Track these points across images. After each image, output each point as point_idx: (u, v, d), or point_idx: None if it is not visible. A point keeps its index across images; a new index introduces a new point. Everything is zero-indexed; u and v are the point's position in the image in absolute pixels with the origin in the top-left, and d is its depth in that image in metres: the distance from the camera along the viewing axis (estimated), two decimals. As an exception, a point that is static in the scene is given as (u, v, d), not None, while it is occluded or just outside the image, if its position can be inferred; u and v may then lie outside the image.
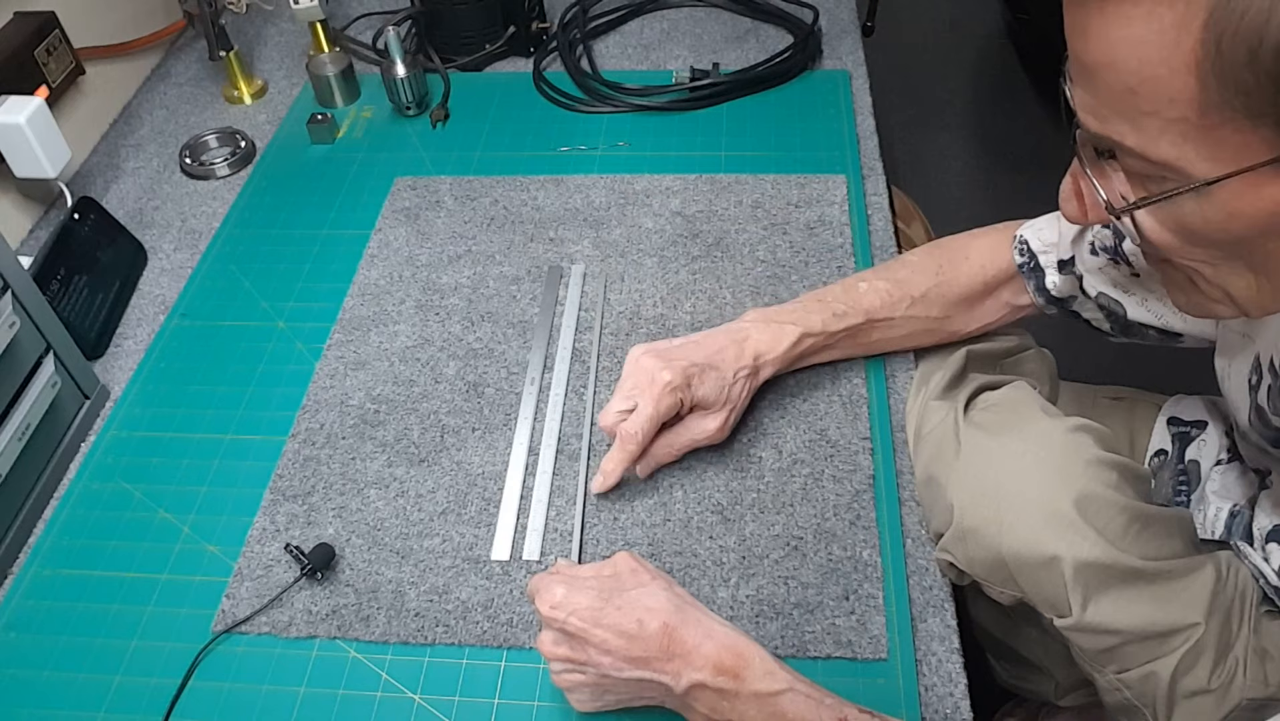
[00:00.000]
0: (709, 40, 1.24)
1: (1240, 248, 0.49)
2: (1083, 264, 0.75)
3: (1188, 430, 0.85)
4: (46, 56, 1.04)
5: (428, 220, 1.02)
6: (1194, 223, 0.48)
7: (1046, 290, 0.78)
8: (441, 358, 0.88)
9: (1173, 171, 0.46)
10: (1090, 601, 0.63)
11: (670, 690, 0.59)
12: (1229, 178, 0.45)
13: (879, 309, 0.80)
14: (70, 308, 0.90)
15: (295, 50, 1.30)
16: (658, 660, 0.58)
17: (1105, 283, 0.75)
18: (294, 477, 0.80)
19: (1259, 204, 0.45)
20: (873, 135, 1.10)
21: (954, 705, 0.65)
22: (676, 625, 0.59)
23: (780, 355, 0.78)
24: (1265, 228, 0.47)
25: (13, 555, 0.77)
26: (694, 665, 0.58)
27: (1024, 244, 0.79)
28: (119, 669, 0.70)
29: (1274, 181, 0.44)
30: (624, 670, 0.58)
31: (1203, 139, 0.44)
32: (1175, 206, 0.48)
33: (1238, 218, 0.46)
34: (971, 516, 0.66)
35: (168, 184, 1.11)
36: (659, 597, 0.60)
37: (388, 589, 0.72)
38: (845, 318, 0.80)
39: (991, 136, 2.25)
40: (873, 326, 0.81)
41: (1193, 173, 0.45)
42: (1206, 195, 0.46)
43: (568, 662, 0.60)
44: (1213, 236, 0.48)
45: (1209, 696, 0.63)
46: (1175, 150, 0.45)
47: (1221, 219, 0.47)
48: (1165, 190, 0.47)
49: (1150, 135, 0.45)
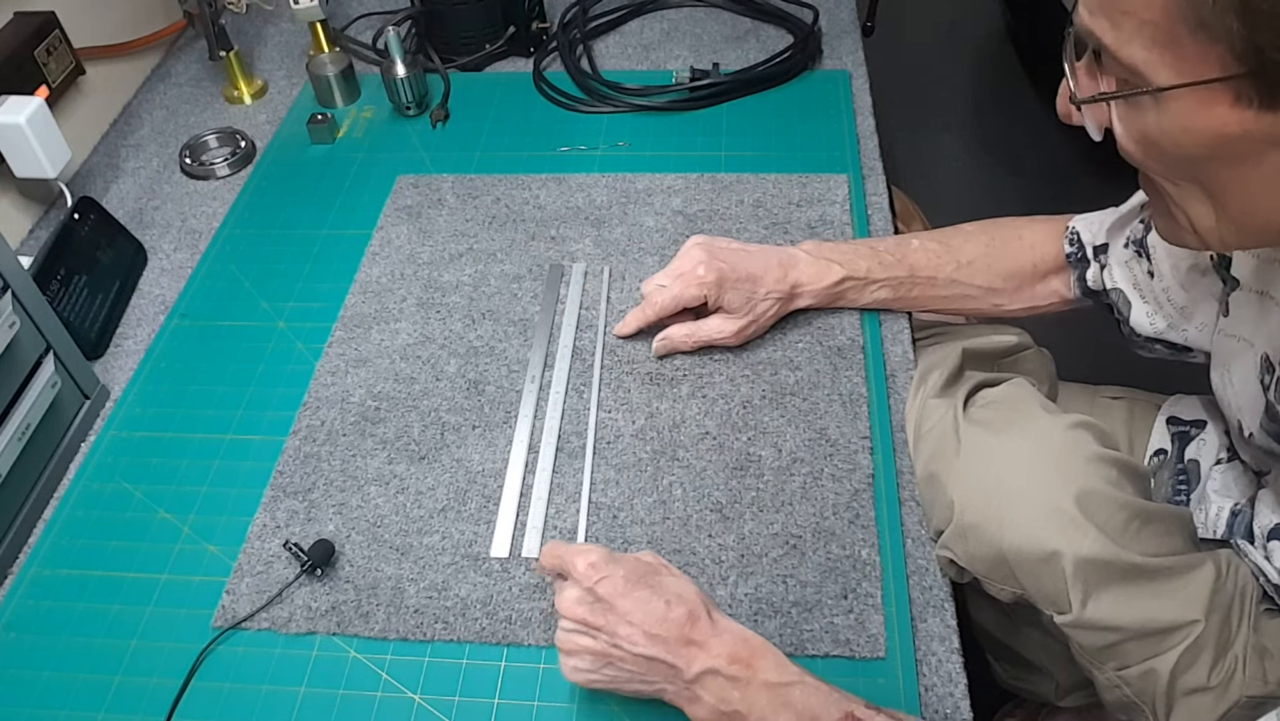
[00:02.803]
0: (709, 40, 1.24)
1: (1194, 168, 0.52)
2: (1114, 254, 0.78)
3: (1187, 429, 0.85)
4: (46, 56, 1.04)
5: (429, 218, 1.02)
6: (1153, 131, 0.51)
7: (1085, 281, 0.81)
8: (442, 355, 0.88)
9: (1138, 76, 0.49)
10: (1090, 598, 0.63)
11: (679, 673, 0.59)
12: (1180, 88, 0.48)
13: (924, 266, 0.84)
14: (70, 308, 0.90)
15: (295, 50, 1.30)
16: (675, 643, 0.59)
17: (1125, 279, 0.77)
18: (294, 474, 0.80)
19: (1209, 122, 0.48)
20: (873, 135, 1.10)
21: (954, 705, 0.65)
22: (699, 615, 0.60)
23: (819, 290, 0.84)
24: (1214, 149, 0.49)
25: (13, 555, 0.77)
26: (709, 653, 0.59)
27: (1075, 234, 0.81)
28: (119, 669, 0.70)
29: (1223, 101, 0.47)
30: (639, 645, 0.59)
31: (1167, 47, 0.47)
32: (1138, 113, 0.51)
33: (1189, 133, 0.49)
34: (972, 513, 0.67)
35: (168, 184, 1.11)
36: (688, 589, 0.62)
37: (387, 585, 0.72)
38: (891, 268, 0.84)
39: (991, 136, 2.25)
40: (915, 282, 0.84)
41: (1152, 78, 0.48)
42: (1163, 104, 0.49)
43: (583, 625, 0.60)
44: (1168, 150, 0.51)
45: (1208, 693, 0.63)
46: (1144, 54, 0.48)
47: (1176, 131, 0.50)
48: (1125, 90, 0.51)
49: (1125, 35, 0.48)
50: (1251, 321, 0.66)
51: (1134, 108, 0.51)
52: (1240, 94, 0.47)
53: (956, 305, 0.87)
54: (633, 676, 0.60)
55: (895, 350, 0.87)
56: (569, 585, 0.62)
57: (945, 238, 0.86)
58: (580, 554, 0.62)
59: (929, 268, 0.84)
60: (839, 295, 0.85)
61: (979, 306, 0.86)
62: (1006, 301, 0.85)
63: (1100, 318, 0.83)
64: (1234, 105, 0.47)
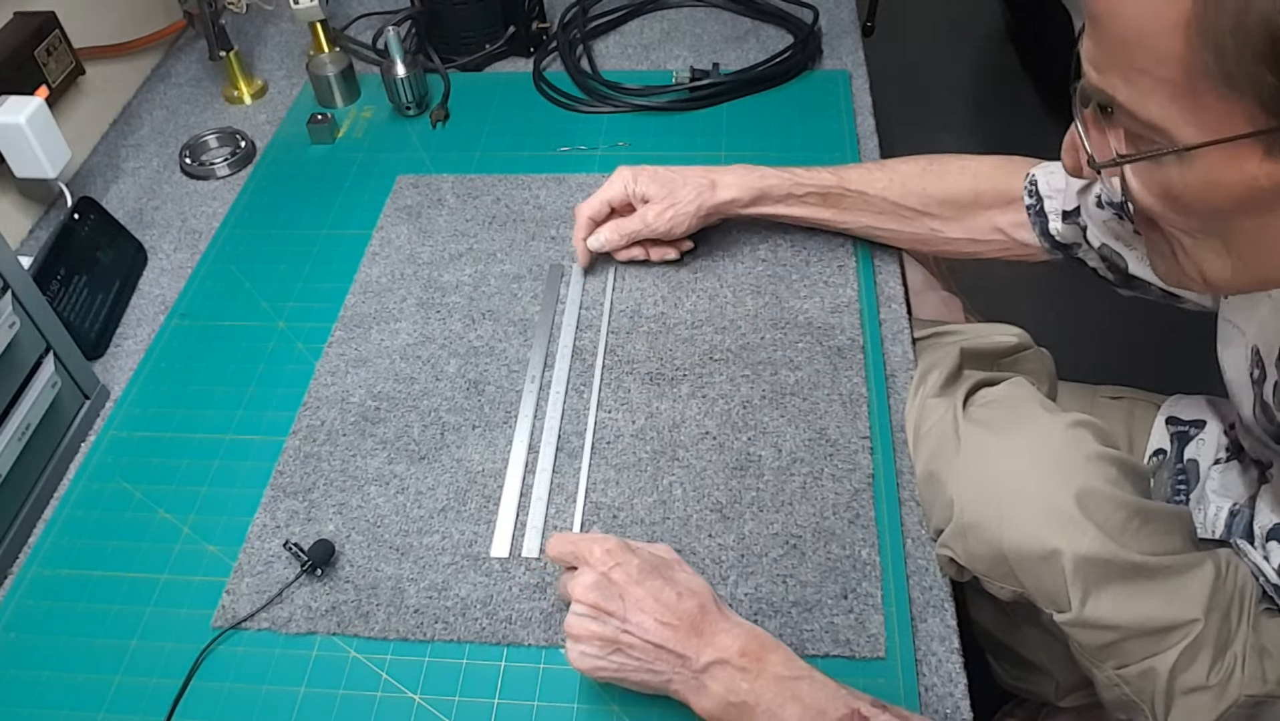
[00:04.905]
0: (709, 40, 1.24)
1: (1219, 221, 0.50)
2: (1088, 215, 0.76)
3: (1186, 429, 0.85)
4: (46, 56, 1.04)
5: (429, 218, 1.02)
6: (1177, 188, 0.49)
7: (1050, 235, 0.80)
8: (442, 355, 0.88)
9: (1159, 133, 0.47)
10: (1090, 596, 0.63)
11: (688, 663, 0.59)
12: (1207, 146, 0.45)
13: (854, 180, 0.85)
14: (70, 308, 0.90)
15: (295, 50, 1.30)
16: (685, 632, 0.60)
17: (1109, 235, 0.76)
18: (294, 474, 0.80)
19: (1238, 176, 0.46)
20: (873, 135, 1.10)
21: (954, 705, 0.65)
22: (710, 609, 0.61)
23: (739, 182, 0.86)
24: (1243, 202, 0.47)
25: (13, 555, 0.77)
26: (717, 646, 0.59)
27: (1033, 184, 0.80)
28: (119, 669, 0.70)
29: (1253, 156, 0.45)
30: (649, 632, 0.59)
31: (1187, 103, 0.45)
32: (1160, 170, 0.49)
33: (1217, 188, 0.47)
34: (972, 512, 0.67)
35: (168, 184, 1.11)
36: (700, 584, 0.63)
37: (387, 585, 0.72)
38: (820, 176, 0.85)
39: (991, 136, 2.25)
40: (845, 194, 0.85)
41: (1177, 136, 0.46)
42: (1188, 161, 0.47)
43: (594, 609, 0.61)
44: (1193, 205, 0.49)
45: (1207, 693, 0.63)
46: (1162, 111, 0.46)
47: (1202, 187, 0.47)
48: (1147, 150, 0.48)
49: (1140, 92, 0.46)
50: (1245, 309, 0.67)
51: (1155, 164, 0.49)
52: (1272, 147, 0.44)
53: (891, 225, 0.86)
54: (640, 665, 0.60)
55: (895, 350, 0.87)
56: (583, 570, 0.62)
57: (884, 160, 0.88)
58: (598, 541, 0.63)
59: (860, 182, 0.85)
60: (763, 194, 0.87)
61: (916, 231, 0.85)
62: (944, 228, 0.84)
63: (1101, 316, 0.83)
64: (1265, 158, 0.45)
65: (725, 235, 0.97)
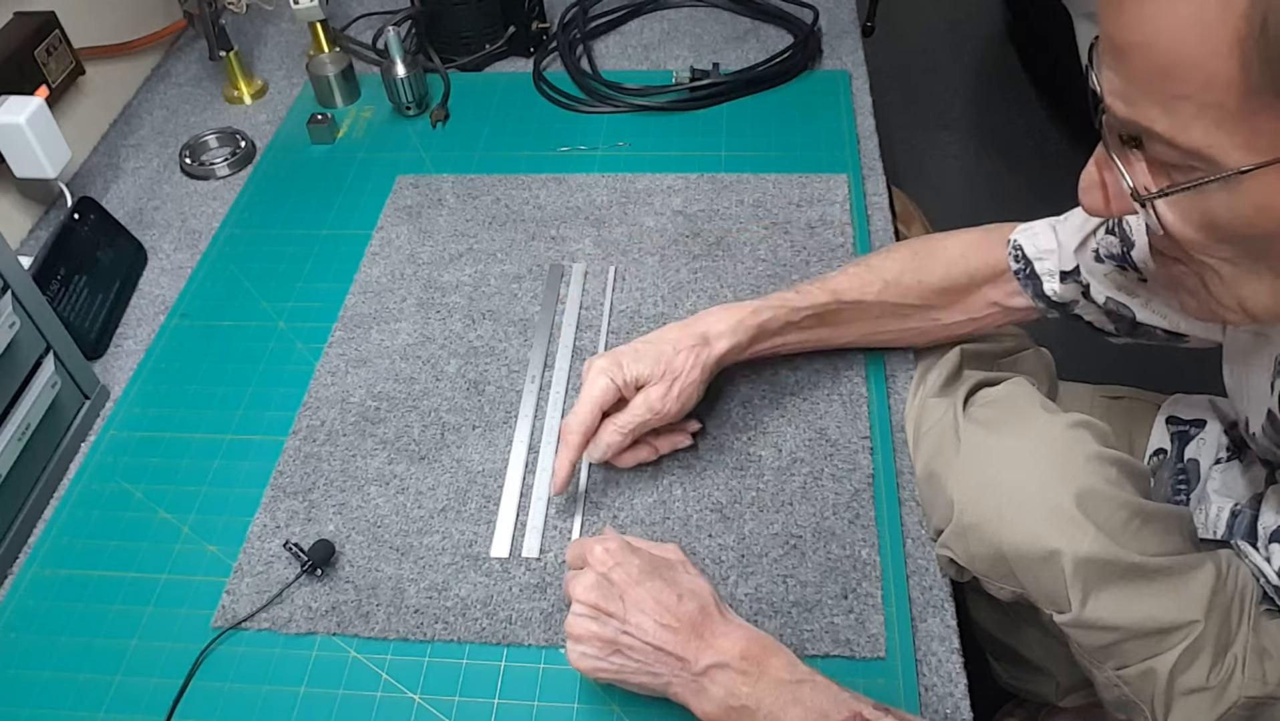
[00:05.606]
0: (709, 40, 1.24)
1: (1264, 246, 0.47)
2: (1089, 273, 0.74)
3: (1187, 429, 0.85)
4: (46, 56, 1.04)
5: (430, 218, 1.02)
6: (1220, 215, 0.46)
7: (1046, 296, 0.76)
8: (443, 355, 0.88)
9: (1202, 160, 0.44)
10: (1090, 597, 0.63)
11: (687, 666, 0.59)
12: (1262, 168, 0.43)
13: (848, 290, 0.78)
14: (70, 308, 0.90)
15: (295, 50, 1.30)
16: (685, 635, 0.59)
17: (1112, 288, 0.73)
18: (295, 474, 0.80)
19: None
20: (873, 135, 1.10)
21: (954, 705, 0.65)
22: (711, 612, 0.61)
23: (733, 327, 0.76)
24: None
25: (13, 555, 0.77)
26: (717, 649, 0.59)
27: (1018, 249, 0.77)
28: (119, 669, 0.70)
29: None
30: (649, 634, 0.59)
31: (1238, 126, 0.42)
32: (1203, 198, 0.46)
33: (1267, 212, 0.45)
34: (972, 512, 0.67)
35: (168, 184, 1.11)
36: (703, 586, 0.62)
37: (387, 585, 0.72)
38: (812, 295, 0.78)
39: (991, 136, 2.25)
40: (842, 307, 0.79)
41: (1224, 162, 0.44)
42: (1236, 186, 0.44)
43: (594, 610, 0.60)
44: (1238, 231, 0.47)
45: (1207, 694, 0.63)
46: (1207, 137, 0.43)
47: (1250, 213, 0.45)
48: (1193, 179, 0.46)
49: (1182, 120, 0.44)
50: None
51: (1198, 192, 0.46)
52: None
53: (894, 326, 0.81)
54: (640, 666, 0.60)
55: (895, 350, 0.87)
56: (584, 570, 0.62)
57: (867, 260, 0.81)
58: (600, 541, 0.63)
59: (853, 291, 0.78)
60: (760, 330, 0.77)
61: (919, 325, 0.81)
62: (943, 315, 0.80)
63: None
64: None
65: (725, 236, 0.97)
